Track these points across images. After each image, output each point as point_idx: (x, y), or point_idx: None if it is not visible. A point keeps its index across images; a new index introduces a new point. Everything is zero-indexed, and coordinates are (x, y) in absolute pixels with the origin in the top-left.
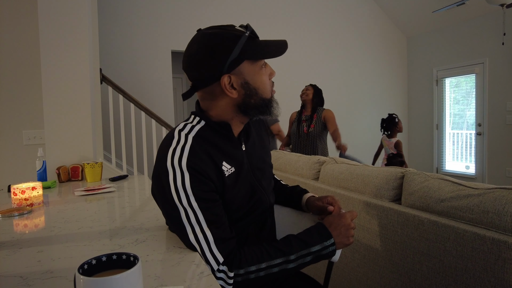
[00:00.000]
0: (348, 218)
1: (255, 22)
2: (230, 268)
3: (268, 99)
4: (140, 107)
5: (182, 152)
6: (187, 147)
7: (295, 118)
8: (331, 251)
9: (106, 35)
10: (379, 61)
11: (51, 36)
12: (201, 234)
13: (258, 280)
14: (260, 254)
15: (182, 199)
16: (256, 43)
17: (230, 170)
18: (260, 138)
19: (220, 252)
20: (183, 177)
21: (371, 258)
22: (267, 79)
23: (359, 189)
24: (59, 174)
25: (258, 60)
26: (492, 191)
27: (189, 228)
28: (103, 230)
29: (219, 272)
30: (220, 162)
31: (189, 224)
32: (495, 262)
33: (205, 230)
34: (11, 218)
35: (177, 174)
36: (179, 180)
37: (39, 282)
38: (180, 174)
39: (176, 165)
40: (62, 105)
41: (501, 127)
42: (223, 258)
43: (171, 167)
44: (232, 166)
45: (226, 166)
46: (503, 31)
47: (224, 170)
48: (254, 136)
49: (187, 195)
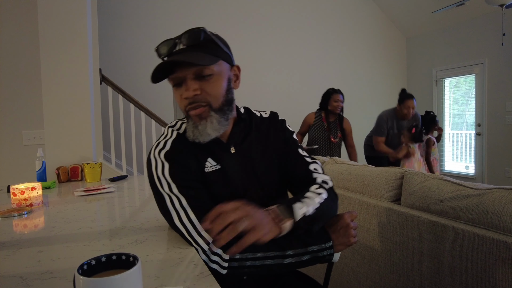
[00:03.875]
0: (346, 218)
1: (254, 23)
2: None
3: (187, 116)
4: (140, 107)
5: (164, 144)
6: (169, 140)
7: (315, 122)
8: (329, 254)
9: (106, 35)
10: (379, 61)
11: (51, 36)
12: (186, 218)
13: (253, 270)
14: (258, 244)
15: (164, 186)
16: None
17: (215, 167)
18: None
19: (208, 233)
20: (163, 166)
21: (371, 258)
22: (178, 99)
23: (358, 190)
24: (59, 174)
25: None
26: (492, 191)
27: (174, 213)
28: (102, 230)
29: (213, 255)
30: (204, 158)
31: (174, 209)
32: (494, 262)
33: (189, 214)
34: (11, 219)
35: (158, 163)
36: (160, 169)
37: (39, 282)
38: (161, 164)
39: (157, 156)
40: (62, 105)
41: (501, 128)
42: (212, 237)
43: (153, 157)
44: (218, 163)
45: (211, 162)
46: (503, 32)
47: (208, 166)
48: (254, 140)
49: (168, 183)
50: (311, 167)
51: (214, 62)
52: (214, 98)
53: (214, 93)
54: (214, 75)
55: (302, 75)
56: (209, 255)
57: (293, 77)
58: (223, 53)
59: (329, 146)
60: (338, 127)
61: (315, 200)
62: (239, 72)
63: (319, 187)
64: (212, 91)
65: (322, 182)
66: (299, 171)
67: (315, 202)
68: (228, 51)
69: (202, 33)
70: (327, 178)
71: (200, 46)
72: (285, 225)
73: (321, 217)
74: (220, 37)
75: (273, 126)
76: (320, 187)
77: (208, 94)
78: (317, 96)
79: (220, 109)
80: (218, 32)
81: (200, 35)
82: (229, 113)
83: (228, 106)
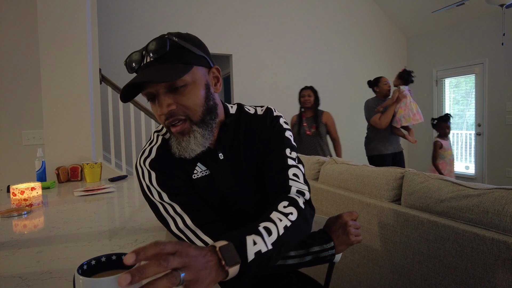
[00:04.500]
0: (345, 217)
1: (253, 23)
2: None
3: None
4: (139, 107)
5: (150, 152)
6: (155, 147)
7: (296, 121)
8: (330, 254)
9: (106, 35)
10: (379, 61)
11: (50, 36)
12: (182, 223)
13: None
14: None
15: (154, 195)
16: None
17: (205, 172)
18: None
19: (207, 235)
20: (150, 175)
21: (371, 258)
22: (156, 115)
23: (358, 190)
24: (59, 174)
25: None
26: (492, 191)
27: (170, 219)
28: (102, 230)
29: None
30: (193, 163)
31: (170, 216)
32: (494, 262)
33: (185, 220)
34: (10, 219)
35: (144, 172)
36: (147, 178)
37: (39, 283)
38: (147, 173)
39: (142, 165)
40: (62, 105)
41: (501, 127)
42: (212, 240)
43: (139, 166)
44: (207, 168)
45: (200, 167)
46: (503, 31)
47: (198, 171)
48: (242, 142)
49: (158, 191)
50: (290, 172)
51: (184, 73)
52: (192, 110)
53: (191, 105)
54: (188, 85)
55: (302, 75)
56: None
57: (293, 77)
58: (196, 58)
59: (307, 139)
60: (313, 120)
61: (279, 226)
62: (220, 74)
63: (288, 205)
64: (188, 103)
65: (296, 193)
66: (273, 175)
67: (278, 228)
68: (202, 53)
69: (167, 41)
70: (304, 188)
71: (168, 55)
72: (233, 268)
73: (282, 247)
74: (193, 38)
75: (263, 123)
76: (290, 204)
77: (184, 107)
78: None
79: (202, 120)
80: (219, 32)
81: (166, 44)
82: (213, 122)
83: (210, 115)
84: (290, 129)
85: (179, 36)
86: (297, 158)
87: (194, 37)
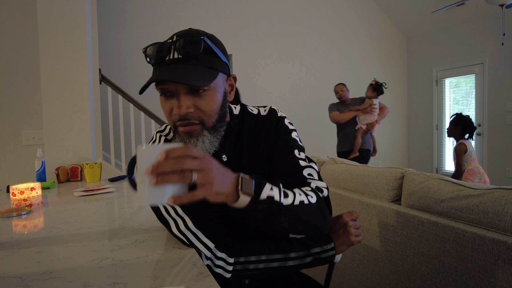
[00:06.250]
0: (345, 218)
1: (253, 23)
2: (230, 254)
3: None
4: (139, 107)
5: None
6: None
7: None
8: (331, 255)
9: (106, 35)
10: (379, 61)
11: (50, 36)
12: (184, 225)
13: (257, 272)
14: (261, 247)
15: None
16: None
17: None
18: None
19: (208, 238)
20: None
21: (371, 258)
22: (167, 111)
23: (358, 190)
24: (58, 174)
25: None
26: (492, 191)
27: (172, 221)
28: (102, 230)
29: (217, 259)
30: None
31: (171, 218)
32: (495, 263)
33: (187, 222)
34: (10, 219)
35: None
36: None
37: (38, 283)
38: None
39: None
40: (61, 105)
41: (501, 127)
42: (213, 243)
43: None
44: None
45: None
46: (503, 31)
47: None
48: (246, 145)
49: None
50: (304, 172)
51: (212, 80)
52: (207, 115)
53: (208, 110)
54: (209, 90)
55: (302, 75)
56: (213, 260)
57: (293, 77)
58: (222, 64)
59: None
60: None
61: (296, 197)
62: (235, 82)
63: (311, 190)
64: (206, 108)
65: (315, 188)
66: (287, 179)
67: (295, 198)
68: (226, 60)
69: (202, 43)
70: (323, 186)
71: (198, 57)
72: (244, 197)
73: (290, 216)
74: (219, 42)
75: (268, 124)
76: (312, 190)
77: (201, 112)
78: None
79: (213, 127)
80: (219, 32)
81: (200, 46)
82: (222, 129)
83: (221, 123)
84: (295, 130)
85: (211, 38)
86: (307, 158)
87: (220, 41)
